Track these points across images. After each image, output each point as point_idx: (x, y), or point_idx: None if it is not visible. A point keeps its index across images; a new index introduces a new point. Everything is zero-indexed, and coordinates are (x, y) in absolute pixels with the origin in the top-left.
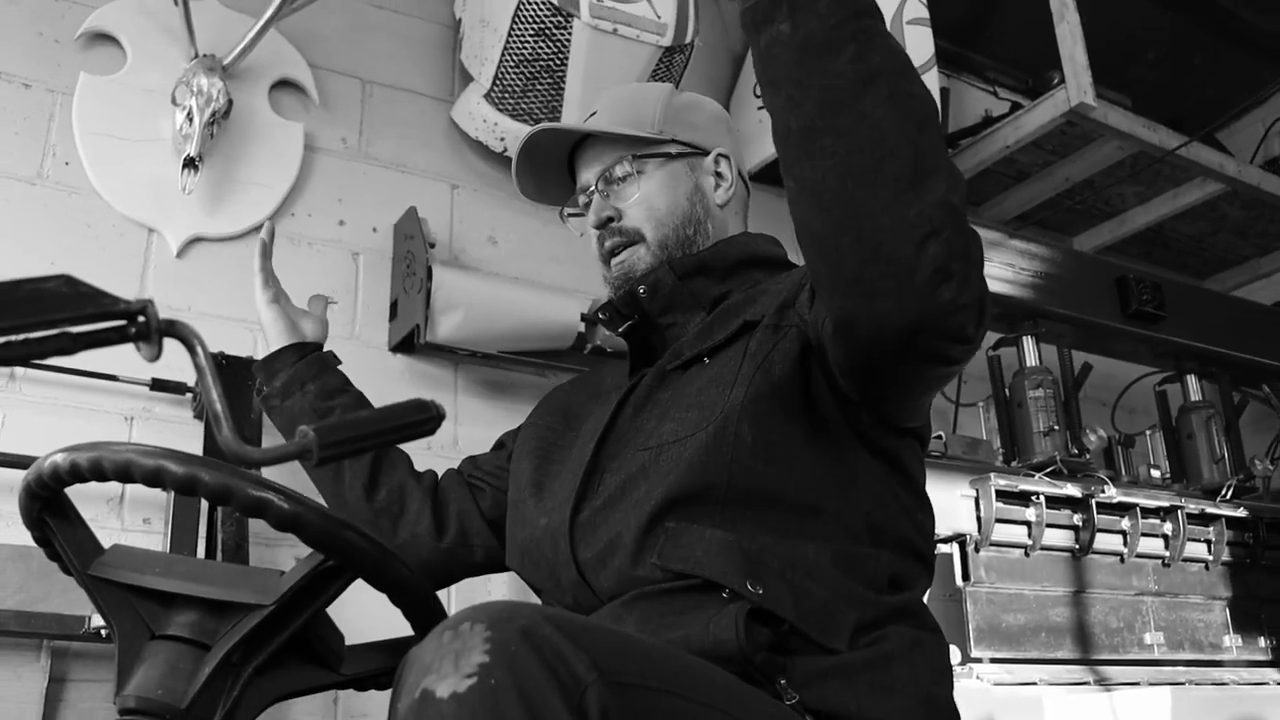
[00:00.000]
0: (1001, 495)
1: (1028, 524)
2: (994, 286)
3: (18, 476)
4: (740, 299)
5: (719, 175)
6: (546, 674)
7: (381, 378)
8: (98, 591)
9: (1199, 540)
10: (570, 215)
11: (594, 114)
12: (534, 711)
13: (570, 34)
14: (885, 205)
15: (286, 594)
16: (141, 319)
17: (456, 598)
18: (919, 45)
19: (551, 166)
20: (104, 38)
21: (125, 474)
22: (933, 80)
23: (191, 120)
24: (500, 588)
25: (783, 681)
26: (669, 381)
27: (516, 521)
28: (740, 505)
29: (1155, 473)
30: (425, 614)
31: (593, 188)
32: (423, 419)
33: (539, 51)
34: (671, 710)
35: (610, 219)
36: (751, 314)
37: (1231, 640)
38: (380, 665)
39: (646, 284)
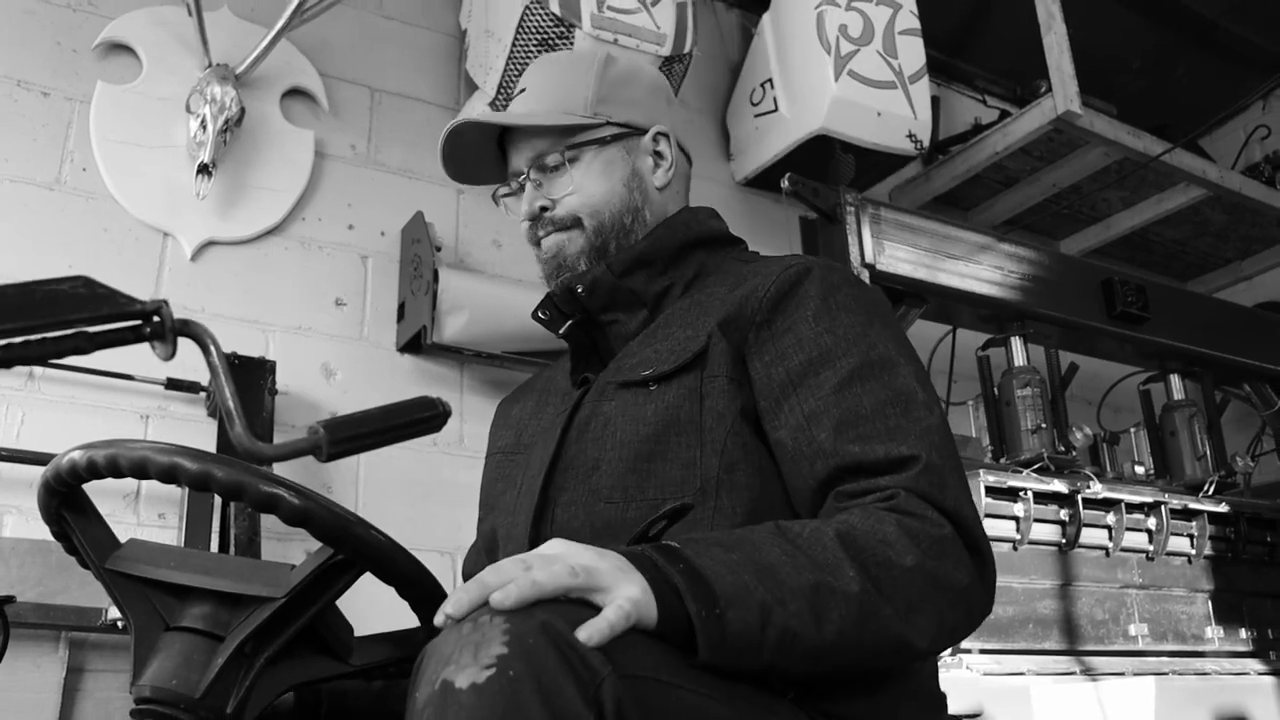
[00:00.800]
0: (990, 491)
1: (1016, 519)
2: (984, 289)
3: (37, 473)
4: (684, 304)
5: (658, 155)
6: (563, 666)
7: (389, 377)
8: (114, 584)
9: (1182, 535)
10: (504, 196)
11: (523, 91)
12: (551, 703)
13: (572, 44)
14: (885, 655)
15: (297, 587)
16: (157, 319)
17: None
18: (910, 55)
19: (487, 146)
20: (121, 48)
21: (141, 470)
22: (924, 89)
23: (205, 127)
24: None
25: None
26: (607, 395)
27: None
28: None
29: (1139, 469)
30: (432, 606)
31: (525, 175)
32: (430, 415)
33: None
34: (682, 703)
35: (544, 209)
36: (697, 337)
37: (1213, 632)
38: (388, 656)
39: (584, 284)
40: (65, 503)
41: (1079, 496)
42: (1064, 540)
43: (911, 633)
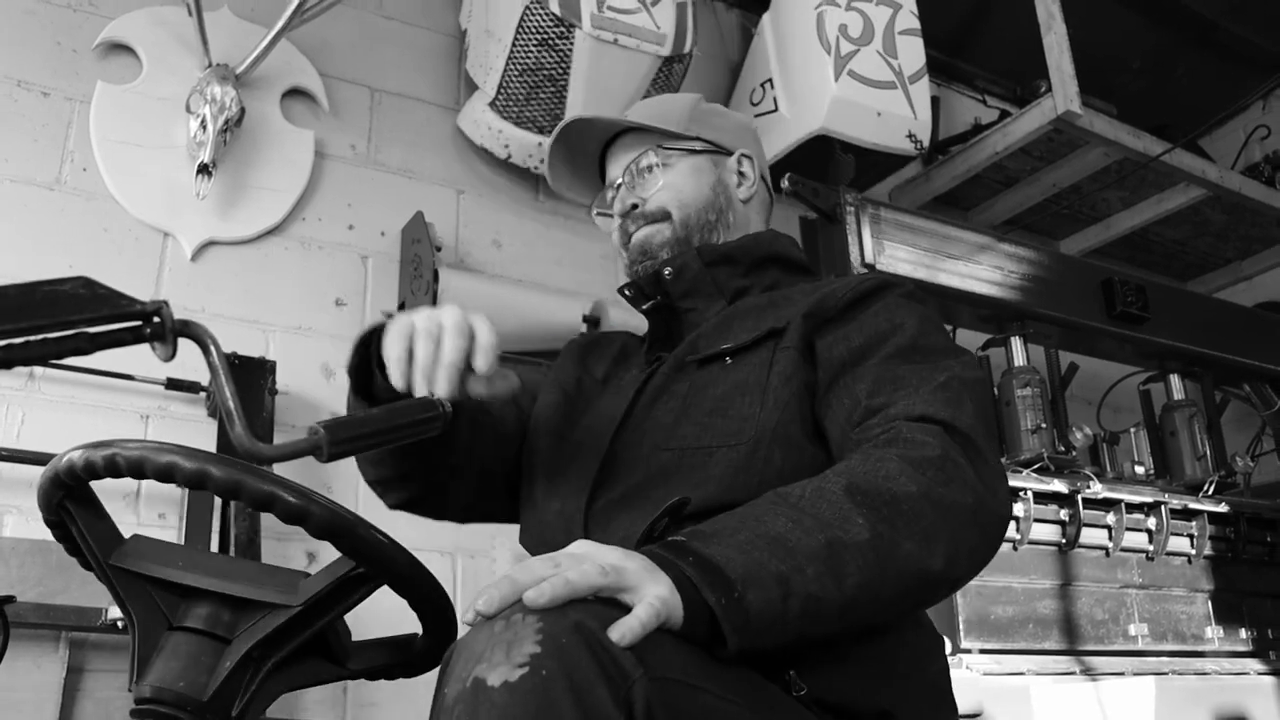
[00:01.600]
0: None
1: (1016, 519)
2: (984, 289)
3: (38, 473)
4: (761, 300)
5: (741, 174)
6: (596, 667)
7: None
8: (117, 581)
9: (1182, 535)
10: (599, 214)
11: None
12: (583, 703)
13: (572, 44)
14: (912, 592)
15: (314, 597)
16: (157, 320)
17: (462, 581)
18: (910, 55)
19: (585, 165)
20: (121, 48)
21: (139, 470)
22: (924, 89)
23: (205, 127)
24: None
25: (792, 673)
26: (686, 373)
27: (529, 501)
28: None
29: (1139, 469)
30: (430, 606)
31: (619, 181)
32: (430, 417)
33: (542, 61)
34: (706, 707)
35: (635, 206)
36: (776, 321)
37: (1213, 632)
38: (385, 662)
39: (672, 266)
40: (70, 496)
41: (1079, 496)
42: (1064, 540)
43: (928, 558)
